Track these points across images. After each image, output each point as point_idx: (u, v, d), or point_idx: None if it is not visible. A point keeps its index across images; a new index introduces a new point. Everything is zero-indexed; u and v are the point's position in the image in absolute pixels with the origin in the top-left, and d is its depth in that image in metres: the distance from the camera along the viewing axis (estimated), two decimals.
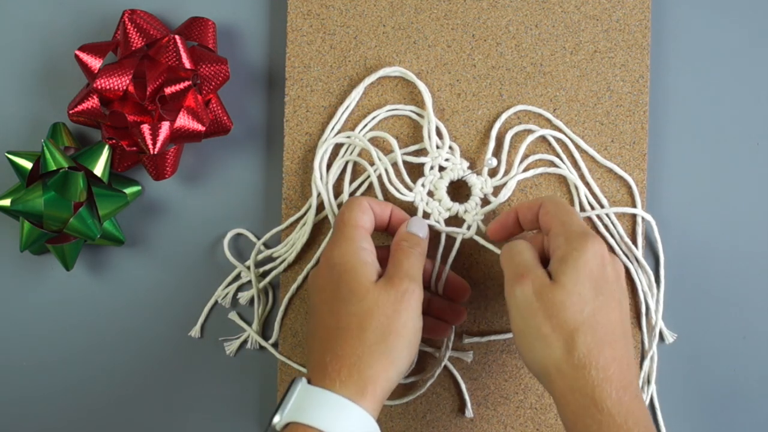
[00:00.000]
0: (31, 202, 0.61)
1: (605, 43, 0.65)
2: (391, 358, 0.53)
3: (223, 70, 0.63)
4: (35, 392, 0.68)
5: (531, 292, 0.53)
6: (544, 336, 0.52)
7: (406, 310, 0.54)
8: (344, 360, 0.53)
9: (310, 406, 0.51)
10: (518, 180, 0.65)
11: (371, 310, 0.54)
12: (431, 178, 0.64)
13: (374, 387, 0.52)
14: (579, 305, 0.53)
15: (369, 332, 0.53)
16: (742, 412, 0.67)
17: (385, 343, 0.53)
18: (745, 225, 0.67)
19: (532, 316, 0.53)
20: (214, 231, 0.67)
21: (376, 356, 0.53)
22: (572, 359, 0.52)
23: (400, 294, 0.54)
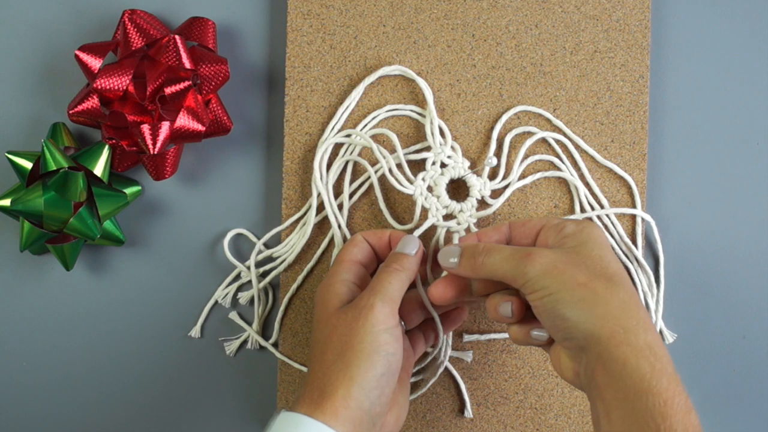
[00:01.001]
0: (31, 202, 0.61)
1: (605, 43, 0.65)
2: (349, 374, 0.53)
3: (223, 70, 0.63)
4: (35, 392, 0.68)
5: (550, 258, 0.53)
6: (582, 284, 0.51)
7: (363, 326, 0.54)
8: (310, 384, 0.54)
9: (280, 427, 0.52)
10: (519, 185, 0.65)
11: (330, 335, 0.55)
12: (432, 173, 0.64)
13: (333, 401, 0.52)
14: (604, 262, 0.53)
15: (328, 354, 0.54)
16: (742, 412, 0.67)
17: (342, 360, 0.54)
18: (745, 225, 0.67)
19: (562, 274, 0.52)
20: (214, 231, 0.67)
21: (334, 374, 0.53)
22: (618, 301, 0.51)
23: (358, 311, 0.55)
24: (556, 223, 0.56)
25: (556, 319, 0.52)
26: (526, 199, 0.65)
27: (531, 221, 0.58)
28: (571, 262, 0.52)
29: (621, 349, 0.50)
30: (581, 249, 0.54)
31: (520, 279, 0.53)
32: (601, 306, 0.51)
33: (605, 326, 0.50)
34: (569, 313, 0.51)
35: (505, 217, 0.65)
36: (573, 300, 0.51)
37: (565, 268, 0.52)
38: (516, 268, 0.53)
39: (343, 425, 0.52)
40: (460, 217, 0.64)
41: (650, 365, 0.49)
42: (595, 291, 0.51)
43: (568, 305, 0.51)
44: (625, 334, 0.50)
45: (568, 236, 0.55)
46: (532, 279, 0.52)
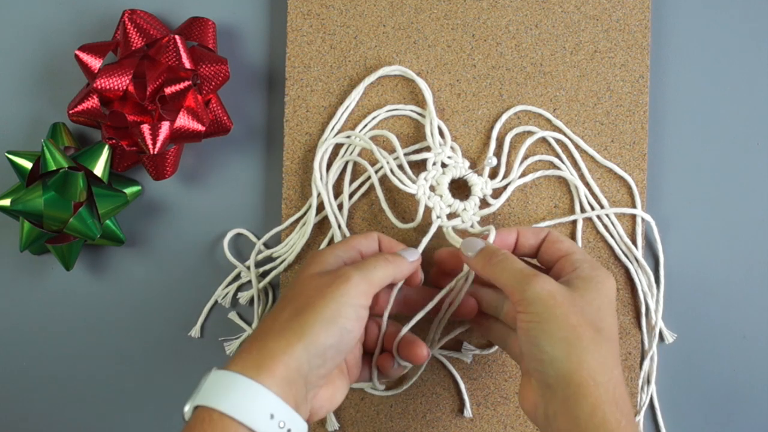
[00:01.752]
0: (31, 202, 0.61)
1: (605, 43, 0.65)
2: (300, 333, 0.50)
3: (223, 70, 0.63)
4: (35, 392, 0.68)
5: (552, 288, 0.53)
6: (572, 326, 0.52)
7: (331, 292, 0.52)
8: (253, 339, 0.51)
9: (210, 387, 0.50)
10: (517, 185, 0.65)
11: (297, 294, 0.53)
12: (434, 173, 0.64)
13: (273, 361, 0.49)
14: (600, 314, 0.53)
15: (286, 311, 0.52)
16: (742, 412, 0.67)
17: (297, 318, 0.51)
18: (745, 225, 0.67)
19: (557, 307, 0.52)
20: (214, 231, 0.67)
21: (283, 331, 0.51)
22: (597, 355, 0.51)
23: (332, 278, 0.53)
24: (576, 259, 0.57)
25: (534, 348, 0.53)
26: (527, 199, 0.65)
27: (564, 243, 0.58)
28: (569, 301, 0.53)
29: (589, 400, 0.50)
30: (585, 294, 0.54)
31: (518, 294, 0.53)
32: (581, 353, 0.51)
33: (578, 373, 0.51)
34: (548, 348, 0.52)
35: (505, 217, 0.65)
36: (557, 336, 0.52)
37: (562, 304, 0.52)
38: (519, 282, 0.54)
39: (278, 385, 0.49)
40: (463, 215, 0.63)
41: (616, 420, 0.50)
42: (581, 336, 0.52)
43: (550, 340, 0.52)
44: (595, 386, 0.51)
45: (580, 278, 0.55)
46: (528, 299, 0.53)
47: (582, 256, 0.57)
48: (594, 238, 0.65)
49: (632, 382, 0.65)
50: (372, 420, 0.65)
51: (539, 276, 0.54)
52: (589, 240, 0.65)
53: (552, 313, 0.52)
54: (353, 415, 0.66)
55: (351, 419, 0.66)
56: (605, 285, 0.55)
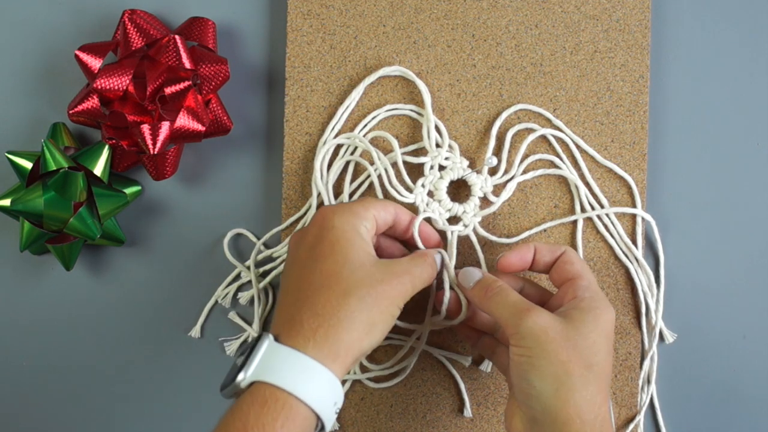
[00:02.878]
0: (31, 202, 0.61)
1: (605, 43, 0.65)
2: (370, 327, 0.52)
3: (223, 70, 0.63)
4: (35, 392, 0.68)
5: (545, 322, 0.53)
6: (562, 362, 0.52)
7: (391, 294, 0.53)
8: (323, 319, 0.51)
9: (279, 365, 0.50)
10: (518, 182, 0.65)
11: (362, 281, 0.53)
12: (431, 178, 0.64)
13: (347, 354, 0.51)
14: (593, 349, 0.53)
15: (354, 298, 0.52)
16: (742, 412, 0.67)
17: (368, 313, 0.52)
18: (745, 225, 0.67)
19: (548, 343, 0.52)
20: (214, 231, 0.67)
21: (356, 322, 0.51)
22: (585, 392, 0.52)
23: (391, 277, 0.54)
24: (580, 285, 0.57)
25: (523, 381, 0.53)
26: (527, 198, 0.65)
27: (575, 266, 0.58)
28: (562, 335, 0.53)
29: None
30: (581, 327, 0.54)
31: (512, 328, 0.54)
32: (569, 390, 0.52)
33: (564, 410, 0.51)
34: (537, 383, 0.52)
35: (505, 217, 0.65)
36: (546, 372, 0.52)
37: (554, 339, 0.53)
38: (513, 316, 0.54)
39: (345, 373, 0.52)
40: (464, 218, 0.63)
41: None
42: (570, 373, 0.52)
43: (539, 375, 0.52)
44: (581, 424, 0.51)
45: (578, 309, 0.55)
46: (521, 333, 0.53)
47: (587, 284, 0.57)
48: (594, 238, 0.65)
49: (632, 382, 0.65)
50: (372, 420, 0.65)
51: (533, 310, 0.54)
52: (589, 240, 0.65)
53: (543, 348, 0.53)
54: (353, 415, 0.66)
55: (351, 419, 0.66)
56: (603, 318, 0.55)
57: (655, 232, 0.65)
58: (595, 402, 0.52)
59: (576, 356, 0.52)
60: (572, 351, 0.52)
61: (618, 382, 0.65)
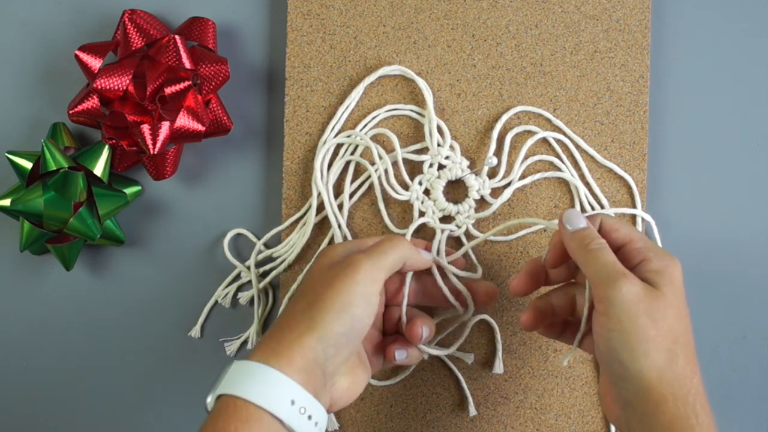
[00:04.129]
0: (31, 202, 0.61)
1: (605, 43, 0.65)
2: (312, 324, 0.51)
3: (223, 70, 0.63)
4: (35, 392, 0.68)
5: (639, 293, 0.51)
6: (651, 339, 0.51)
7: (341, 281, 0.53)
8: (272, 331, 0.53)
9: (232, 376, 0.51)
10: (516, 187, 0.65)
11: (309, 287, 0.54)
12: (429, 176, 0.64)
13: (290, 350, 0.51)
14: (678, 317, 0.52)
15: (299, 304, 0.53)
16: (742, 412, 0.67)
17: (309, 311, 0.52)
18: (745, 225, 0.67)
19: (638, 317, 0.51)
20: (214, 231, 0.67)
21: (297, 323, 0.52)
22: (675, 367, 0.51)
23: (342, 267, 0.54)
24: (639, 248, 0.54)
25: (614, 361, 0.52)
26: (526, 198, 0.65)
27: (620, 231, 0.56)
28: (653, 309, 0.51)
29: (667, 417, 0.50)
30: (667, 294, 0.52)
31: (602, 291, 0.52)
32: (659, 369, 0.51)
33: (657, 390, 0.50)
34: (629, 362, 0.51)
35: (505, 217, 0.65)
36: (637, 351, 0.51)
37: (645, 311, 0.51)
38: (607, 278, 0.52)
39: (297, 373, 0.50)
40: (457, 218, 0.64)
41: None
42: (660, 350, 0.51)
43: (631, 354, 0.51)
44: (674, 401, 0.50)
45: (652, 271, 0.53)
46: (612, 300, 0.51)
47: (644, 243, 0.55)
48: None
49: None
50: (372, 420, 0.65)
51: (628, 277, 0.52)
52: None
53: (634, 323, 0.51)
54: (353, 415, 0.66)
55: (351, 419, 0.66)
56: (675, 275, 0.53)
57: (655, 231, 0.65)
58: (685, 375, 0.51)
59: (664, 330, 0.51)
60: (660, 325, 0.51)
61: None
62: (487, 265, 0.65)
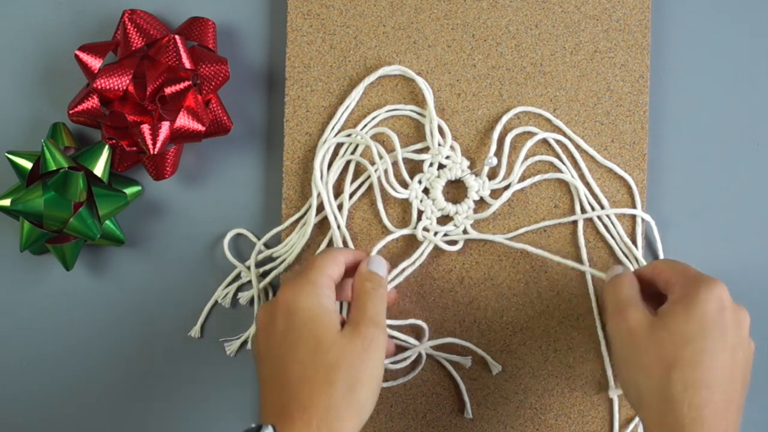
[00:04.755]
0: (31, 202, 0.61)
1: (605, 43, 0.65)
2: (357, 409, 0.53)
3: (223, 70, 0.63)
4: (35, 392, 0.68)
5: (632, 326, 0.54)
6: (643, 367, 0.53)
7: (372, 359, 0.54)
8: (313, 411, 0.52)
9: None
10: (518, 188, 0.65)
11: (338, 361, 0.53)
12: (429, 175, 0.64)
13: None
14: (680, 343, 0.52)
15: (338, 384, 0.53)
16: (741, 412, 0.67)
17: (352, 394, 0.53)
18: (745, 225, 0.67)
19: (634, 346, 0.54)
20: (214, 231, 0.67)
21: (343, 408, 0.52)
22: (666, 392, 0.52)
23: (367, 343, 0.54)
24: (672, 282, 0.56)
25: (623, 390, 0.56)
26: (527, 199, 0.65)
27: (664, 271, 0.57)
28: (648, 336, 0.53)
29: None
30: (669, 321, 0.53)
31: (608, 324, 0.57)
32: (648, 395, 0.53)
33: (647, 416, 0.53)
34: (628, 391, 0.55)
35: (505, 217, 0.65)
36: (631, 380, 0.54)
37: (638, 342, 0.54)
38: (613, 313, 0.56)
39: None
40: (456, 219, 0.64)
41: None
42: (650, 376, 0.53)
43: (627, 383, 0.55)
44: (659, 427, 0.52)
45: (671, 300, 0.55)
46: (613, 334, 0.56)
47: (677, 278, 0.56)
48: (594, 238, 0.65)
49: None
50: (372, 420, 0.65)
51: (629, 309, 0.55)
52: (589, 240, 0.65)
53: (627, 353, 0.55)
54: None
55: None
56: (695, 301, 0.53)
57: (655, 232, 0.65)
58: (678, 401, 0.51)
59: (657, 356, 0.52)
60: (653, 352, 0.53)
61: None
62: (487, 265, 0.65)
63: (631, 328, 0.54)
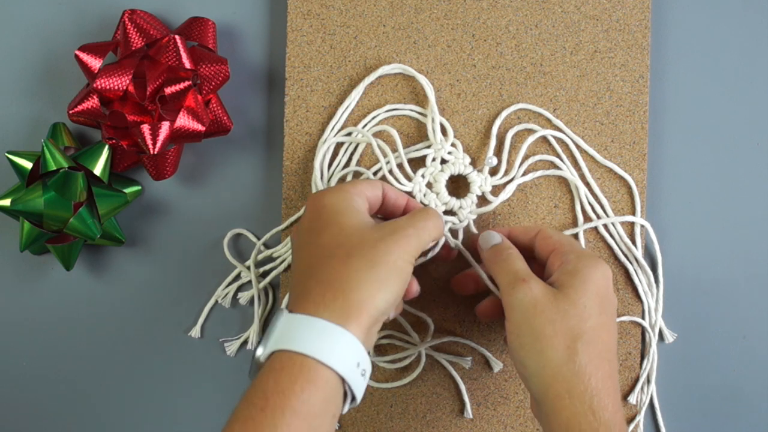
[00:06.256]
0: (31, 202, 0.61)
1: (605, 43, 0.65)
2: (378, 284, 0.51)
3: (223, 70, 0.63)
4: (35, 392, 0.68)
5: (535, 295, 0.54)
6: (547, 337, 0.53)
7: (398, 247, 0.52)
8: (328, 285, 0.51)
9: (294, 332, 0.49)
10: (518, 183, 0.65)
11: (362, 241, 0.52)
12: (432, 169, 0.64)
13: (360, 311, 0.50)
14: (584, 316, 0.53)
15: (355, 258, 0.51)
16: (742, 412, 0.67)
17: (373, 270, 0.51)
18: (745, 224, 0.67)
19: (535, 317, 0.53)
20: (214, 231, 0.67)
21: (363, 281, 0.51)
22: (573, 365, 0.52)
23: (399, 236, 0.53)
24: (563, 252, 0.57)
25: (516, 362, 0.55)
26: (527, 198, 0.65)
27: (552, 238, 0.59)
28: (552, 307, 0.53)
29: (564, 414, 0.51)
30: (570, 293, 0.54)
31: (505, 297, 0.55)
32: (555, 366, 0.52)
33: (553, 387, 0.52)
34: (527, 362, 0.53)
35: (505, 216, 0.65)
36: (533, 350, 0.53)
37: (541, 312, 0.53)
38: (508, 285, 0.55)
39: (362, 332, 0.50)
40: (460, 213, 0.64)
41: (593, 430, 0.51)
42: (556, 348, 0.53)
43: (528, 354, 0.53)
44: (569, 398, 0.51)
45: (566, 273, 0.55)
46: (512, 304, 0.54)
47: (569, 248, 0.57)
48: (594, 238, 0.65)
49: (632, 382, 0.65)
50: (372, 420, 0.65)
51: (528, 281, 0.55)
52: (588, 240, 0.65)
53: (530, 324, 0.53)
54: (353, 415, 0.66)
55: (351, 419, 0.66)
56: (592, 276, 0.55)
57: (652, 235, 0.65)
58: (585, 373, 0.52)
59: (563, 328, 0.53)
60: (559, 323, 0.53)
61: None
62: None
63: (536, 298, 0.54)
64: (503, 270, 0.57)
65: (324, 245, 0.53)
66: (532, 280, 0.55)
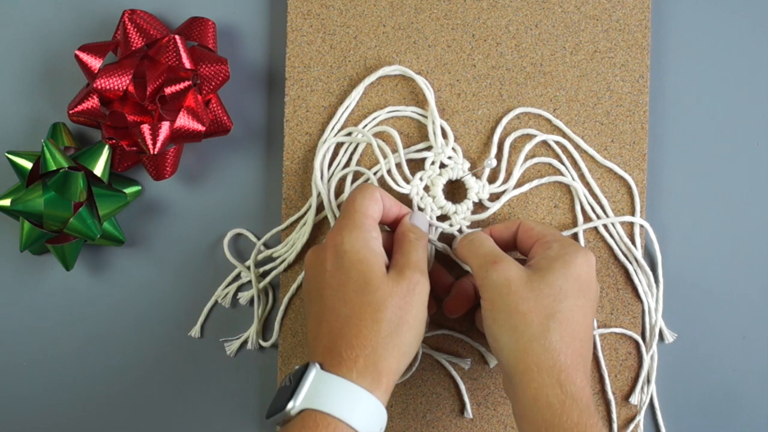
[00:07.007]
0: (31, 202, 0.61)
1: (605, 43, 0.65)
2: (402, 350, 0.54)
3: (223, 70, 0.63)
4: (35, 392, 0.68)
5: (508, 276, 0.55)
6: (521, 314, 0.54)
7: (417, 302, 0.55)
8: (360, 350, 0.53)
9: (328, 393, 0.51)
10: (515, 194, 0.65)
11: (385, 302, 0.54)
12: (430, 173, 0.64)
13: (387, 378, 0.53)
14: (558, 296, 0.54)
15: (383, 323, 0.53)
16: (742, 412, 0.67)
17: (398, 335, 0.54)
18: (745, 224, 0.67)
19: (509, 296, 0.54)
20: (214, 231, 0.67)
21: (390, 348, 0.53)
22: (544, 341, 0.53)
23: (412, 286, 0.55)
24: (547, 240, 0.58)
25: (489, 337, 0.56)
26: (526, 199, 0.65)
27: (534, 229, 0.60)
28: (525, 286, 0.55)
29: (532, 386, 0.53)
30: (547, 275, 0.55)
31: (479, 279, 0.57)
32: (527, 340, 0.53)
33: (524, 360, 0.53)
34: (499, 336, 0.55)
35: (504, 219, 0.65)
36: (506, 325, 0.54)
37: (516, 290, 0.55)
38: (482, 267, 0.57)
39: (384, 395, 0.53)
40: (453, 218, 0.64)
41: (560, 402, 0.52)
42: (529, 323, 0.54)
43: (500, 328, 0.55)
44: (538, 372, 0.53)
45: (546, 258, 0.57)
46: (486, 285, 0.56)
47: (552, 237, 0.58)
48: (594, 239, 0.65)
49: (632, 382, 0.65)
50: None
51: (502, 261, 0.56)
52: (588, 240, 0.65)
53: (504, 301, 0.55)
54: None
55: None
56: (574, 262, 0.56)
57: (652, 235, 0.65)
58: (555, 349, 0.53)
59: (537, 306, 0.54)
60: (533, 301, 0.54)
61: (618, 382, 0.65)
62: None
63: (509, 278, 0.55)
64: (473, 253, 0.58)
65: (350, 301, 0.55)
66: (504, 260, 0.56)
